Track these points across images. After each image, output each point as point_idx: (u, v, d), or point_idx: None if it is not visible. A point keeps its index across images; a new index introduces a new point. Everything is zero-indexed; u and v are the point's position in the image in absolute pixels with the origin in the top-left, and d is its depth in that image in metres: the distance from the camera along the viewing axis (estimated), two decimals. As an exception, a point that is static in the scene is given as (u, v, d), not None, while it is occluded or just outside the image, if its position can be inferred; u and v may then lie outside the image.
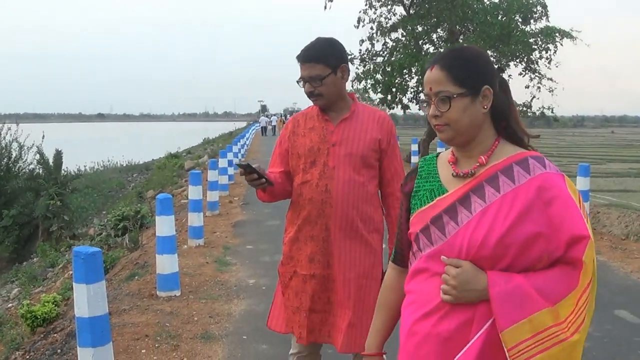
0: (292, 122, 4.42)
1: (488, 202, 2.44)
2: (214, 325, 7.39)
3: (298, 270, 4.30)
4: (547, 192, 2.40)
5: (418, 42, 30.13)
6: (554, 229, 2.36)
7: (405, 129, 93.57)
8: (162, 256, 8.52)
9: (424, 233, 2.58)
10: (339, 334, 4.24)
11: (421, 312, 2.53)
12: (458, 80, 2.50)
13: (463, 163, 2.61)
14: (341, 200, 4.14)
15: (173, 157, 42.67)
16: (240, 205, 17.05)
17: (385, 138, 4.28)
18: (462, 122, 2.51)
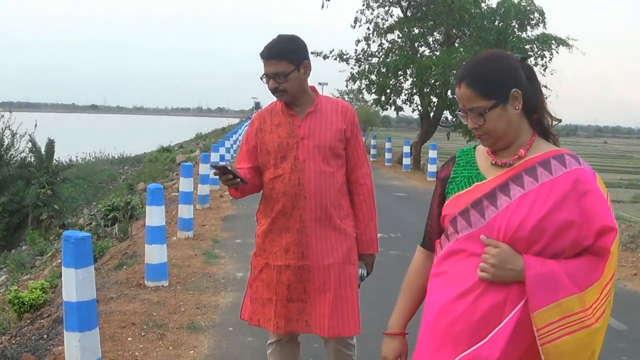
0: (258, 119, 4.49)
1: (527, 190, 2.62)
2: (200, 316, 7.42)
3: (270, 262, 4.38)
4: (582, 185, 2.60)
5: (414, 44, 30.12)
6: (586, 219, 2.55)
7: (398, 131, 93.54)
8: (151, 246, 8.54)
9: (463, 216, 2.73)
10: (323, 319, 4.33)
11: (456, 292, 2.67)
12: (486, 95, 2.68)
13: (502, 154, 2.79)
14: (314, 191, 4.25)
15: (165, 151, 42.60)
16: (231, 200, 16.99)
17: (349, 127, 4.42)
18: (499, 130, 2.71)
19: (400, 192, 19.74)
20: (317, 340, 5.28)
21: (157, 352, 6.32)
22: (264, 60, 4.24)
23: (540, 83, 2.86)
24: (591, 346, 2.55)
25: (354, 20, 30.74)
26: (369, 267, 4.62)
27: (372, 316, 7.25)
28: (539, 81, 2.85)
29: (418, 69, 27.76)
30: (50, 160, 27.84)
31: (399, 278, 9.09)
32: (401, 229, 13.04)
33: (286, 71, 4.18)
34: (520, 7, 28.09)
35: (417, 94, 30.25)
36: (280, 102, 4.39)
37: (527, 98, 2.72)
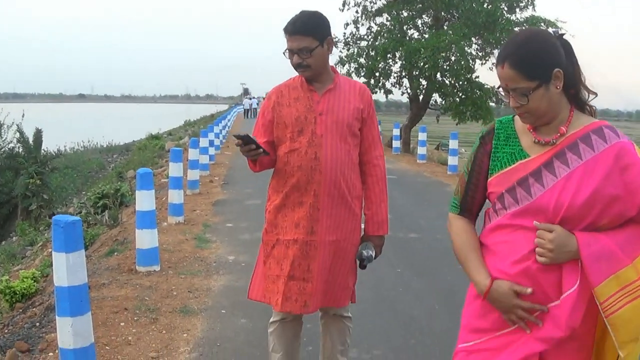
0: (276, 92, 4.46)
1: (572, 168, 2.74)
2: (193, 299, 7.40)
3: (281, 238, 4.36)
4: (623, 159, 2.71)
5: (403, 27, 30.05)
6: (629, 192, 2.69)
7: (387, 114, 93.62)
8: (142, 231, 8.50)
9: (510, 193, 2.86)
10: (320, 294, 4.35)
11: (508, 261, 2.82)
12: (530, 76, 2.73)
13: (543, 131, 2.87)
14: (330, 167, 4.24)
15: (154, 139, 42.47)
16: (221, 185, 17.02)
17: (366, 108, 4.42)
18: (542, 109, 2.78)
19: (391, 174, 19.62)
20: (309, 321, 5.27)
21: (150, 336, 6.30)
22: (288, 36, 4.22)
23: (575, 57, 2.89)
24: None
25: (343, 4, 30.72)
26: (377, 249, 4.59)
27: (367, 296, 7.29)
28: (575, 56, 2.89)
29: (407, 52, 27.74)
30: (39, 150, 27.80)
31: (391, 259, 9.15)
32: (392, 210, 12.85)
33: (311, 46, 4.18)
34: (509, -10, 28.06)
35: (406, 77, 30.26)
36: (299, 77, 4.39)
37: (567, 75, 2.78)
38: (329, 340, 4.73)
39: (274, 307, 4.44)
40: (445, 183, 18.50)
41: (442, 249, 9.92)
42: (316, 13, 4.32)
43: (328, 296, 4.40)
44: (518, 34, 2.92)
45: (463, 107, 28.77)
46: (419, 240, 10.73)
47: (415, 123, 31.04)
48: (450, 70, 27.94)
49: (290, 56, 4.25)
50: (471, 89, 28.60)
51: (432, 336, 6.48)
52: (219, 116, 49.72)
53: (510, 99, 2.82)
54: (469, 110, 28.65)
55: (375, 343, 6.29)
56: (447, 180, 19.12)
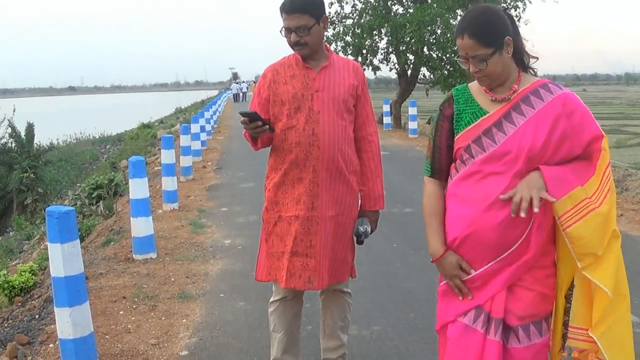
0: (271, 71, 4.49)
1: (527, 117, 3.24)
2: (190, 285, 7.43)
3: (283, 214, 4.40)
4: (568, 106, 3.23)
5: (387, 3, 29.99)
6: (576, 132, 3.22)
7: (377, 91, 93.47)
8: (137, 219, 8.52)
9: (476, 143, 3.30)
10: (324, 271, 4.39)
11: (481, 206, 3.25)
12: (487, 44, 3.20)
13: (498, 90, 3.34)
14: (327, 142, 4.29)
15: (145, 127, 42.46)
16: (214, 170, 17.03)
17: (360, 85, 4.49)
18: (497, 72, 3.26)
19: (383, 150, 19.46)
20: (309, 300, 5.31)
21: (149, 324, 6.33)
22: (285, 14, 4.25)
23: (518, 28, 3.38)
24: (603, 227, 3.14)
25: (326, -18, 30.63)
26: (373, 224, 4.65)
27: (361, 272, 7.26)
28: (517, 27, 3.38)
29: (392, 28, 27.73)
30: (31, 144, 27.77)
31: (386, 234, 9.18)
32: (386, 186, 12.76)
33: (308, 25, 4.22)
34: (493, -42, 28.01)
35: (393, 52, 30.24)
36: (294, 55, 4.43)
37: (513, 42, 3.27)
38: (330, 317, 4.77)
39: (280, 283, 4.46)
40: (437, 156, 18.46)
41: (437, 221, 9.96)
42: None
43: (331, 272, 4.44)
44: (472, 9, 3.34)
45: (452, 79, 28.66)
46: (414, 215, 10.72)
47: (405, 98, 31.05)
48: (436, 44, 27.91)
49: (288, 35, 4.28)
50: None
51: (432, 309, 6.44)
52: (209, 102, 49.68)
53: (470, 66, 3.27)
54: (458, 82, 28.51)
55: (375, 319, 6.33)
56: (439, 153, 19.09)
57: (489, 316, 3.33)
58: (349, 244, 4.55)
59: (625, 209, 10.73)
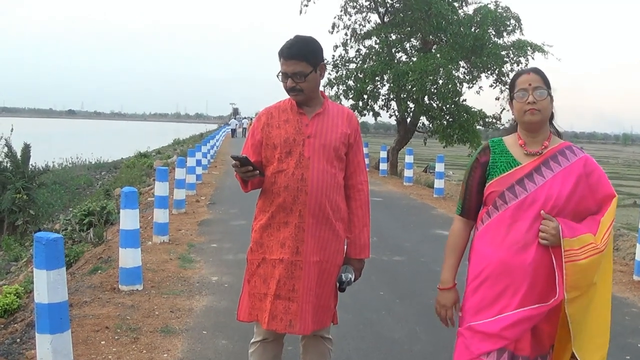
0: (265, 114, 4.53)
1: (555, 172, 3.67)
2: (174, 319, 7.40)
3: (267, 257, 4.41)
4: (589, 167, 3.71)
5: (391, 50, 30.20)
6: (592, 191, 3.69)
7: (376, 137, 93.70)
8: (126, 250, 8.50)
9: (510, 190, 3.69)
10: (307, 315, 4.37)
11: (512, 249, 3.64)
12: (546, 83, 3.73)
13: (530, 145, 3.77)
14: (316, 188, 4.32)
15: (142, 157, 42.46)
16: (207, 205, 17.02)
17: (353, 133, 4.53)
18: (546, 110, 3.72)
19: (377, 196, 19.75)
20: (290, 343, 5.30)
21: (130, 356, 6.30)
22: (283, 59, 4.31)
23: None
24: (598, 268, 3.58)
25: (332, 26, 30.91)
26: (357, 272, 4.65)
27: (347, 319, 7.29)
28: None
29: (395, 75, 27.91)
30: (26, 165, 27.68)
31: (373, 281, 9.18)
32: (377, 233, 12.98)
33: (305, 72, 4.29)
34: (497, 14, 28.26)
35: (394, 99, 30.37)
36: (289, 100, 4.48)
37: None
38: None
39: (261, 324, 4.45)
40: (431, 206, 18.54)
41: (426, 271, 9.97)
42: (311, 39, 4.43)
43: (315, 318, 4.42)
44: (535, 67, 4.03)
45: (450, 130, 28.85)
46: (403, 263, 10.74)
47: (402, 145, 31.11)
48: (437, 94, 28.02)
49: (284, 79, 4.34)
50: (458, 112, 28.73)
51: (413, 359, 6.51)
52: (208, 136, 49.76)
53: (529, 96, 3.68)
54: (456, 133, 28.74)
55: (357, 366, 6.29)
56: (433, 203, 19.18)
57: (513, 354, 3.68)
58: (332, 290, 4.55)
59: (614, 270, 10.67)
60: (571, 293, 3.54)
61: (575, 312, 3.59)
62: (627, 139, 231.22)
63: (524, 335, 3.65)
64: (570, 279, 3.52)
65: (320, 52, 4.43)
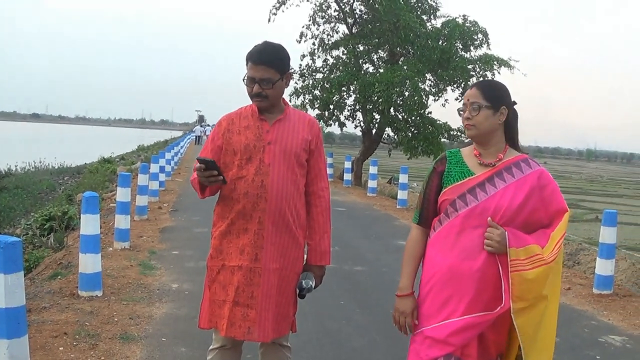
0: (226, 120, 4.52)
1: (507, 183, 3.73)
2: (133, 326, 7.36)
3: (226, 263, 4.40)
4: (543, 180, 3.76)
5: (358, 61, 30.34)
6: (545, 204, 3.74)
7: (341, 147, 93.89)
8: (85, 255, 8.44)
9: (461, 199, 3.76)
10: (266, 323, 4.37)
11: (460, 256, 3.71)
12: (488, 98, 3.78)
13: (485, 156, 3.85)
14: (275, 195, 4.32)
15: (106, 162, 42.22)
16: (169, 212, 16.98)
17: (314, 140, 4.54)
18: (484, 125, 3.78)
19: (341, 207, 19.78)
20: (249, 350, 5.29)
21: (88, 362, 6.26)
22: (251, 64, 4.29)
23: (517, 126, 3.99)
24: (545, 280, 3.60)
25: (300, 35, 30.98)
26: (318, 279, 4.65)
27: (307, 328, 7.29)
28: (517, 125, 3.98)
29: (361, 86, 28.01)
30: (-12, 169, 27.48)
31: (334, 291, 9.19)
32: (339, 242, 13.05)
33: (273, 79, 4.28)
34: (465, 28, 28.49)
35: (360, 110, 30.45)
36: (250, 106, 4.47)
37: (508, 123, 3.87)
38: None
39: (219, 331, 4.44)
40: (394, 217, 18.62)
41: (387, 281, 9.99)
42: (280, 46, 4.43)
43: (275, 326, 4.42)
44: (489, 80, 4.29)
45: (415, 142, 28.94)
46: (364, 273, 10.77)
47: (367, 156, 31.17)
48: (403, 105, 28.16)
49: (250, 84, 4.32)
50: (423, 125, 28.85)
51: (371, 370, 6.52)
52: (172, 142, 49.55)
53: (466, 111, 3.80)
54: (421, 145, 28.83)
55: (315, 375, 6.29)
56: (396, 214, 19.25)
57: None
58: (292, 297, 4.55)
59: (574, 283, 10.85)
60: (518, 303, 3.58)
61: (526, 324, 3.63)
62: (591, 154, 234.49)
63: (470, 342, 3.70)
64: (516, 289, 3.56)
65: (288, 61, 4.44)
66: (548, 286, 3.65)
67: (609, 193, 55.47)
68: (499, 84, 3.94)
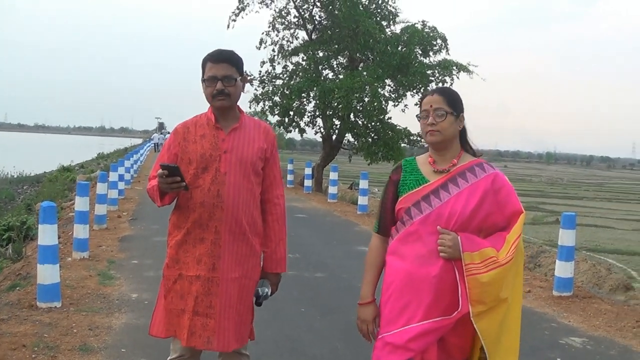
0: (182, 128, 4.51)
1: (461, 188, 3.77)
2: (93, 337, 7.31)
3: (184, 273, 4.38)
4: (497, 183, 3.79)
5: (318, 67, 30.35)
6: (500, 207, 3.78)
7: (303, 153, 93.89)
8: (44, 266, 8.37)
9: (416, 206, 3.81)
10: (227, 333, 4.37)
11: (417, 262, 3.74)
12: (451, 105, 3.84)
13: (439, 163, 3.89)
14: (232, 204, 4.32)
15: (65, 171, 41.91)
16: (129, 221, 16.88)
17: (269, 148, 4.55)
18: (449, 132, 3.83)
19: (301, 213, 19.81)
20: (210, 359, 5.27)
21: (47, 375, 6.21)
22: (211, 63, 4.31)
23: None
24: (502, 282, 3.63)
25: (260, 42, 30.96)
26: (274, 287, 4.67)
27: (267, 336, 7.28)
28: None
29: (321, 92, 28.04)
30: (-55, 178, 27.18)
31: (295, 298, 9.18)
32: (299, 249, 13.08)
33: (234, 76, 4.31)
34: (424, 34, 28.60)
35: (320, 116, 30.48)
36: (206, 115, 4.48)
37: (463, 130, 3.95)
38: None
39: (180, 341, 4.41)
40: (354, 222, 18.69)
41: (347, 287, 10.02)
42: (234, 51, 4.45)
43: (237, 335, 4.42)
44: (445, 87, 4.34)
45: (375, 147, 29.05)
46: (325, 280, 10.80)
47: (328, 162, 31.19)
48: (363, 111, 28.25)
49: (211, 84, 4.31)
50: (383, 130, 28.97)
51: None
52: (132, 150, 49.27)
53: (430, 118, 3.82)
54: (381, 150, 28.94)
55: (275, 384, 6.29)
56: (356, 220, 19.32)
57: None
58: (250, 305, 4.56)
59: (534, 286, 10.96)
60: (476, 307, 3.62)
61: (487, 327, 3.66)
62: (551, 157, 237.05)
63: (430, 347, 3.73)
64: (473, 293, 3.61)
65: (243, 65, 4.46)
66: (507, 288, 3.68)
67: (569, 195, 55.92)
68: (455, 91, 4.00)
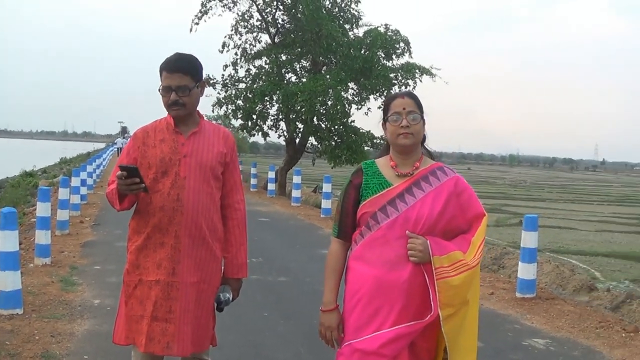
0: (142, 132, 4.49)
1: (426, 192, 3.79)
2: (55, 344, 7.25)
3: (144, 278, 4.36)
4: (459, 187, 3.85)
5: (281, 70, 30.45)
6: (462, 210, 3.83)
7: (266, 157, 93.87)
8: (4, 272, 8.29)
9: (382, 210, 3.78)
10: (185, 337, 4.36)
11: (386, 267, 3.73)
12: (419, 107, 3.88)
13: (402, 166, 3.89)
14: (192, 209, 4.31)
15: (28, 176, 41.47)
16: (91, 226, 16.79)
17: (229, 153, 4.55)
18: (419, 134, 3.87)
19: (264, 217, 19.82)
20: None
21: (8, 382, 6.17)
22: (166, 73, 4.28)
23: None
24: (470, 285, 3.71)
25: (222, 45, 30.97)
26: (235, 292, 4.66)
27: (229, 341, 7.26)
28: None
29: (284, 95, 28.11)
30: None
31: (258, 302, 9.17)
32: (263, 253, 13.08)
33: (189, 86, 4.28)
34: (387, 37, 28.83)
35: (283, 119, 30.56)
36: (165, 119, 4.46)
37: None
38: None
39: (138, 347, 4.40)
40: (318, 226, 18.72)
41: (311, 291, 10.03)
42: (193, 56, 4.43)
43: (194, 340, 4.41)
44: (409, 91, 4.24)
45: (338, 150, 29.19)
46: (288, 284, 10.81)
47: (291, 166, 31.23)
48: (326, 114, 28.39)
49: (166, 93, 4.30)
50: (347, 133, 29.12)
51: (295, 381, 6.52)
52: (95, 155, 48.98)
53: (403, 120, 3.80)
54: (345, 154, 29.06)
55: (238, 389, 6.28)
56: (320, 223, 19.34)
57: None
58: (211, 311, 4.55)
59: (497, 287, 11.03)
60: (446, 310, 3.63)
61: (452, 330, 3.69)
62: (514, 159, 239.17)
63: (402, 352, 3.71)
64: (443, 296, 3.62)
65: (202, 70, 4.44)
66: (471, 290, 3.75)
67: (532, 197, 56.37)
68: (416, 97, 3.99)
